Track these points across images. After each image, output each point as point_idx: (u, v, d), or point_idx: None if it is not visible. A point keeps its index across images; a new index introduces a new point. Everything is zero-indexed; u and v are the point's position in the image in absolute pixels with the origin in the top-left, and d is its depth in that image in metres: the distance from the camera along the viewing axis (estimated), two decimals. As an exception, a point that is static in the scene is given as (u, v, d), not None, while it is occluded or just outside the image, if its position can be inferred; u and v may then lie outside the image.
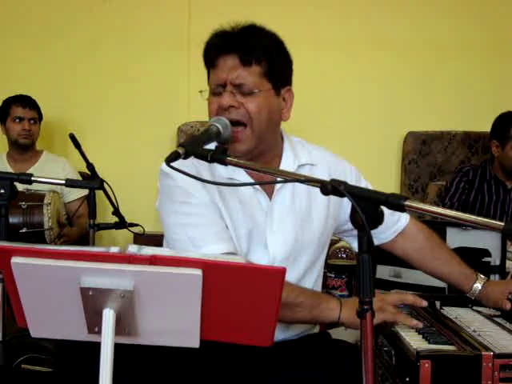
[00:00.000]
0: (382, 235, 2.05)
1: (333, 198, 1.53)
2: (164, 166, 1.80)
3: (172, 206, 1.82)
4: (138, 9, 4.32)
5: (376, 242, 1.36)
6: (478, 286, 2.03)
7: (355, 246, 1.93)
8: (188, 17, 4.26)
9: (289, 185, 1.88)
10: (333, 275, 2.54)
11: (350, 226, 1.38)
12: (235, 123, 1.77)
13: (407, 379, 1.58)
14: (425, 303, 1.82)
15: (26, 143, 3.85)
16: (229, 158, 1.53)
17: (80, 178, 3.84)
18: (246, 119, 1.79)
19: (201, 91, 1.85)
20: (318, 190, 1.39)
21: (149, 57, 4.30)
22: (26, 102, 3.85)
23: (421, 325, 1.77)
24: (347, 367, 1.74)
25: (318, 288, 2.01)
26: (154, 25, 4.30)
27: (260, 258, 1.83)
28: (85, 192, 3.66)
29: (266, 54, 1.80)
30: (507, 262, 2.60)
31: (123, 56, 4.32)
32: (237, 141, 1.78)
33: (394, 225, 2.07)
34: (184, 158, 1.52)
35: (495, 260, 2.49)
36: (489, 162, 3.75)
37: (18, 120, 3.82)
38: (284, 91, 1.87)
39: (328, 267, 2.10)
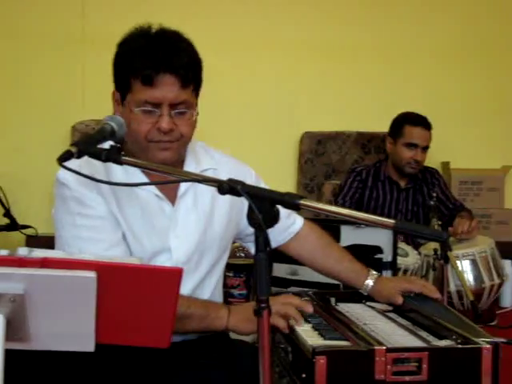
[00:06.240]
0: (278, 237, 2.08)
1: (235, 202, 1.54)
2: (60, 174, 1.76)
3: (66, 217, 1.78)
4: (30, 3, 4.18)
5: (273, 244, 1.38)
6: (369, 282, 2.09)
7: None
8: (81, 12, 4.15)
9: (191, 189, 1.88)
10: (231, 274, 2.55)
11: (251, 230, 1.38)
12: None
13: (303, 375, 1.60)
14: (310, 309, 1.81)
15: None
16: (124, 158, 1.50)
17: None
18: (177, 139, 1.78)
19: (130, 110, 1.76)
20: None
21: (41, 53, 4.17)
22: None
23: (311, 309, 1.79)
24: (245, 366, 1.75)
25: (219, 291, 2.01)
26: (47, 19, 4.17)
27: (164, 262, 1.82)
28: None
29: (198, 72, 1.81)
30: (398, 258, 2.70)
31: (13, 51, 4.17)
32: (166, 149, 1.77)
33: (289, 227, 2.11)
34: (77, 158, 1.47)
35: (387, 256, 2.57)
36: (382, 163, 3.87)
37: None
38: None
39: (227, 266, 2.10)
